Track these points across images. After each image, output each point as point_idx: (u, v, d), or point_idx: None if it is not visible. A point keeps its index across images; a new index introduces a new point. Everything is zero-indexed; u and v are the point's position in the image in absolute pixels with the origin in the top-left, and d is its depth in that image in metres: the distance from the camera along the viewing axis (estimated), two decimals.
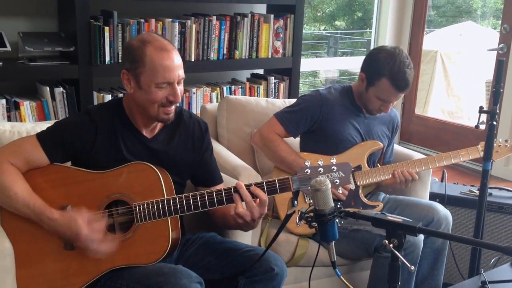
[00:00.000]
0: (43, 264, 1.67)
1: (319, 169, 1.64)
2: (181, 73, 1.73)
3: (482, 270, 1.77)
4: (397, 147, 2.63)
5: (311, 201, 1.44)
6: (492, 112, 1.92)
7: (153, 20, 3.06)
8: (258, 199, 1.68)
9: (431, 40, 6.07)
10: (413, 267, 1.33)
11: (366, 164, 2.28)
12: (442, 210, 2.27)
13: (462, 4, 6.59)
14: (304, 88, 5.74)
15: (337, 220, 1.41)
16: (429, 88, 5.96)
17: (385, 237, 1.31)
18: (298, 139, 2.42)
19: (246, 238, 2.04)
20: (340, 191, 2.20)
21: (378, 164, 2.36)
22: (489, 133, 1.95)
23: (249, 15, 3.37)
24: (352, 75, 5.64)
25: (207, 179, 1.96)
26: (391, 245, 1.30)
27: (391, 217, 1.33)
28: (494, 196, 2.59)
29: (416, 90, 4.96)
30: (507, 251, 1.13)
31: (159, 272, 1.60)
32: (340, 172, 1.64)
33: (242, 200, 1.68)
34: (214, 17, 3.25)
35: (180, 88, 1.74)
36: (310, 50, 6.63)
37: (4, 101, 2.76)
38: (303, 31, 4.66)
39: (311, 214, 1.42)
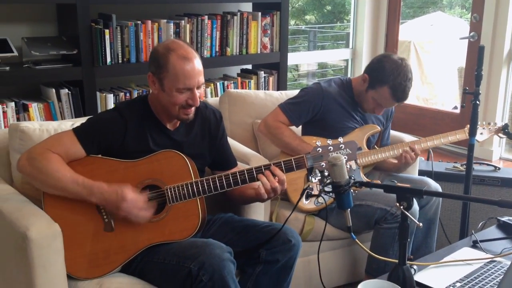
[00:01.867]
0: (86, 246, 1.84)
1: (329, 147, 1.86)
2: (201, 79, 1.91)
3: (473, 231, 2.01)
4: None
5: (319, 177, 1.65)
6: (475, 93, 2.17)
7: (149, 22, 3.22)
8: (277, 178, 1.88)
9: (404, 31, 6.35)
10: (421, 224, 1.55)
11: (365, 146, 2.50)
12: (433, 183, 2.51)
13: None
14: (289, 82, 5.95)
15: (351, 190, 1.62)
16: None
17: (396, 200, 1.53)
18: (300, 127, 2.63)
19: (260, 217, 2.24)
20: (348, 167, 2.41)
21: (375, 146, 2.59)
22: (473, 111, 2.20)
23: (238, 13, 3.55)
24: (330, 68, 5.88)
25: (224, 163, 2.15)
26: (401, 207, 1.51)
27: (400, 184, 1.55)
28: (476, 170, 2.85)
29: None
30: (500, 204, 1.35)
31: (193, 245, 1.79)
32: (347, 149, 1.86)
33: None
34: (206, 17, 3.42)
35: (199, 92, 1.93)
36: (290, 45, 6.83)
37: (13, 103, 2.88)
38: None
39: (329, 187, 1.63)
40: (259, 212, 2.23)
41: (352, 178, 1.61)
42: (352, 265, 2.57)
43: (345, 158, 1.84)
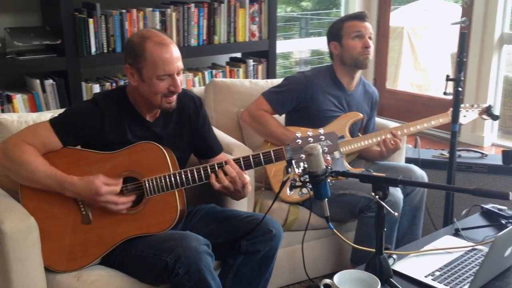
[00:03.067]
0: (63, 238, 1.83)
1: (309, 139, 1.83)
2: (180, 64, 1.88)
3: (455, 219, 1.99)
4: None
5: (302, 168, 1.63)
6: (457, 79, 2.14)
7: (134, 10, 3.18)
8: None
9: (397, 16, 6.29)
10: (397, 214, 1.54)
11: (348, 134, 2.48)
12: (418, 171, 2.50)
13: None
14: (279, 70, 5.91)
15: (328, 180, 1.61)
16: (398, 63, 6.19)
17: (372, 190, 1.52)
18: (283, 116, 2.61)
19: (242, 208, 2.22)
20: (329, 158, 2.40)
21: (359, 134, 2.57)
22: (456, 98, 2.17)
23: (225, 1, 3.51)
24: (323, 55, 5.83)
25: (207, 150, 2.13)
26: (376, 197, 1.50)
27: (375, 173, 1.53)
28: (463, 157, 2.84)
29: (386, 66, 5.19)
30: (475, 192, 1.33)
31: (170, 238, 1.78)
32: (328, 140, 1.84)
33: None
34: (193, 5, 3.38)
35: (180, 78, 1.90)
36: (282, 32, 6.77)
37: None
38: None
39: (306, 177, 1.62)
40: (242, 203, 2.21)
41: (329, 167, 1.59)
42: (338, 254, 2.56)
43: (325, 149, 1.84)
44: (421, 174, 2.48)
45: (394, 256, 1.76)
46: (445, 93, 2.21)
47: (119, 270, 1.86)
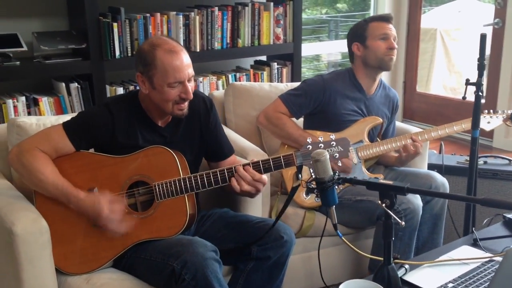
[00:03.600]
0: (75, 241, 1.85)
1: (319, 145, 1.80)
2: (190, 71, 1.88)
3: (474, 228, 1.92)
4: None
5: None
6: (477, 83, 2.07)
7: (158, 14, 3.21)
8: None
9: (430, 18, 6.16)
10: (403, 223, 1.49)
11: (367, 139, 2.44)
12: (439, 178, 2.43)
13: None
14: (308, 73, 5.87)
15: (336, 187, 1.57)
16: (430, 66, 6.07)
17: (378, 198, 1.48)
18: (301, 119, 2.58)
19: (257, 212, 2.21)
20: (340, 164, 2.36)
21: (378, 139, 2.52)
22: (476, 103, 2.10)
23: (250, 4, 3.50)
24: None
25: (218, 152, 2.12)
26: (383, 205, 1.46)
27: (383, 181, 1.49)
28: (489, 163, 2.74)
29: (417, 68, 5.08)
30: (483, 202, 1.28)
31: (178, 243, 1.77)
32: (339, 146, 1.80)
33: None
34: (216, 8, 3.39)
35: (191, 85, 1.89)
36: (313, 35, 6.73)
37: (23, 98, 2.92)
38: (304, 17, 4.74)
39: (313, 183, 1.59)
40: (256, 208, 2.20)
41: (337, 174, 1.56)
42: (356, 261, 2.51)
43: (336, 155, 1.80)
44: (442, 181, 2.41)
45: (406, 266, 1.71)
46: (463, 98, 2.14)
47: (130, 273, 1.88)
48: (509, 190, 2.67)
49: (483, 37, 2.02)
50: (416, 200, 2.24)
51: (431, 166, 2.70)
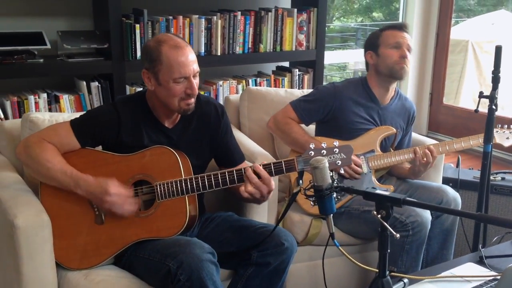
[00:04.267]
0: (77, 237, 1.88)
1: (322, 151, 1.78)
2: (195, 67, 1.89)
3: (480, 246, 1.87)
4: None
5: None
6: (491, 96, 2.02)
7: (180, 17, 3.24)
8: (261, 178, 1.84)
9: (462, 29, 6.04)
10: (398, 235, 1.45)
11: (378, 148, 2.40)
12: (451, 192, 2.37)
13: None
14: (335, 80, 5.84)
15: (334, 195, 1.55)
16: (461, 78, 5.95)
17: (374, 208, 1.45)
18: (313, 126, 2.56)
19: (262, 218, 2.20)
20: (342, 171, 2.32)
21: (390, 149, 2.48)
22: (489, 117, 2.05)
23: (273, 9, 3.50)
24: None
25: (228, 159, 2.12)
26: (379, 216, 1.43)
27: (380, 191, 1.46)
28: (507, 180, 2.66)
29: (444, 80, 4.99)
30: (478, 218, 1.24)
31: (176, 243, 1.78)
32: (342, 153, 1.78)
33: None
34: (239, 13, 3.40)
35: (196, 81, 1.90)
36: (346, 43, 6.70)
37: (45, 95, 2.99)
38: (332, 25, 4.72)
39: (311, 190, 1.57)
40: (262, 213, 2.20)
41: (335, 181, 1.54)
42: (362, 273, 2.47)
43: (338, 162, 1.78)
44: (454, 196, 2.35)
45: (406, 280, 1.67)
46: (476, 111, 2.08)
47: (129, 271, 1.89)
48: None
49: (498, 49, 1.97)
50: (425, 213, 2.19)
51: (446, 180, 2.64)
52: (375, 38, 2.45)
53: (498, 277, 1.71)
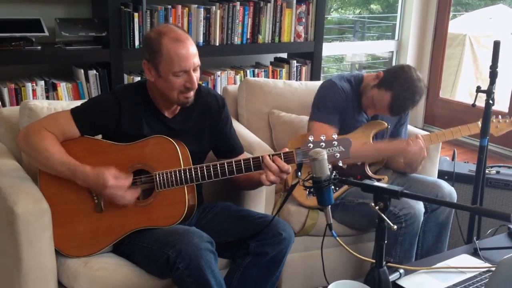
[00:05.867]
0: (76, 224, 1.89)
1: (321, 144, 1.79)
2: (196, 61, 1.88)
3: (474, 238, 1.90)
4: None
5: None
6: (488, 91, 2.03)
7: (179, 6, 3.23)
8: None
9: (460, 23, 6.05)
10: (395, 227, 1.47)
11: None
12: (447, 187, 2.39)
13: None
14: (332, 72, 5.83)
15: (332, 187, 1.57)
16: (457, 72, 5.97)
17: (373, 200, 1.47)
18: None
19: (260, 208, 2.22)
20: (341, 164, 2.33)
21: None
22: (486, 111, 2.06)
23: (272, 0, 3.50)
24: (377, 59, 5.70)
25: (228, 151, 2.12)
26: (376, 207, 1.45)
27: (378, 183, 1.48)
28: (502, 173, 2.69)
29: (441, 74, 5.01)
30: (474, 210, 1.26)
31: (174, 232, 1.79)
32: (340, 146, 1.79)
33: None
34: (238, 3, 3.39)
35: (196, 75, 1.90)
36: (344, 35, 6.68)
37: (42, 82, 2.98)
38: (330, 16, 4.70)
39: (310, 182, 1.59)
40: (259, 203, 2.21)
41: (334, 173, 1.56)
42: (358, 263, 2.50)
43: (337, 155, 1.79)
44: (449, 191, 2.36)
45: (401, 271, 1.70)
46: (473, 105, 2.10)
47: (128, 260, 1.91)
48: None
49: (496, 44, 1.99)
50: (418, 205, 2.21)
51: (442, 173, 2.67)
52: (387, 86, 2.32)
53: (493, 268, 1.73)
